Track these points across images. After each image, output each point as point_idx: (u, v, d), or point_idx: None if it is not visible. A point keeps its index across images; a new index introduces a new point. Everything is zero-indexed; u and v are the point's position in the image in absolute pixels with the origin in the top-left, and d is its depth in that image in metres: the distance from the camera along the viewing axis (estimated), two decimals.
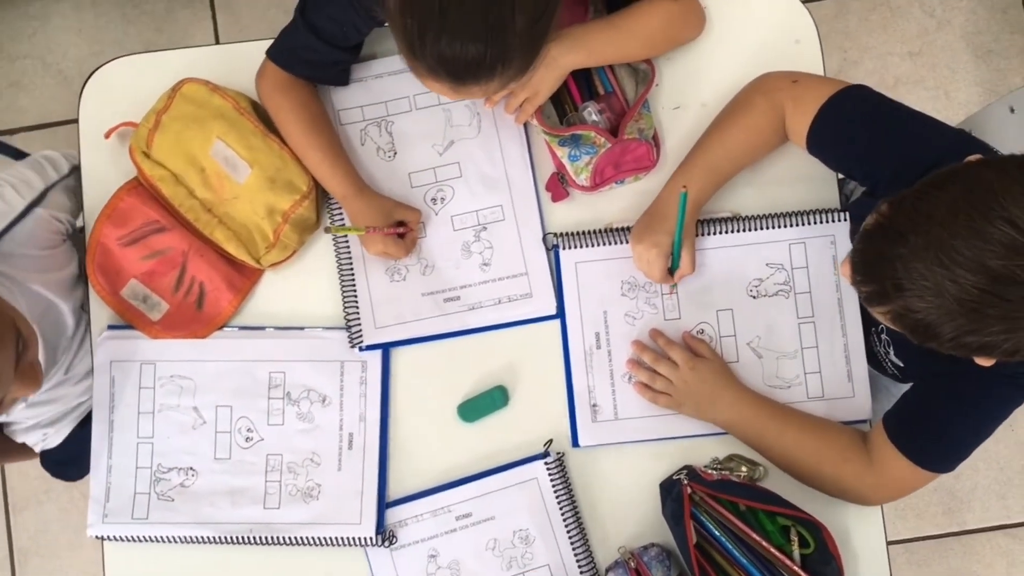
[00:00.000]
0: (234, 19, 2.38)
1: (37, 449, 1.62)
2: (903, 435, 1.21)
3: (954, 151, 1.02)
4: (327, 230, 1.36)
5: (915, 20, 2.37)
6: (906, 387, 1.30)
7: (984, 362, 1.01)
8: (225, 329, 1.40)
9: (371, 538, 1.33)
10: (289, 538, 1.34)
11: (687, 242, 1.29)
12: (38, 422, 1.54)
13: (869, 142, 1.20)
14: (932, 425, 1.20)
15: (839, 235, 1.35)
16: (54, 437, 1.58)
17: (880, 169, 1.19)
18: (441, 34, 1.05)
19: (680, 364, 1.32)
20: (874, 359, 1.35)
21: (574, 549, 1.32)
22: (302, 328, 1.39)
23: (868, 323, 1.34)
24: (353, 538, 1.33)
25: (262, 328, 1.39)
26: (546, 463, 1.34)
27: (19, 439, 1.56)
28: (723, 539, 1.28)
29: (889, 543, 2.12)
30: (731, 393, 1.31)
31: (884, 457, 1.24)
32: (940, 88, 2.35)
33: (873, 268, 0.97)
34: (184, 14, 2.38)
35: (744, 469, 1.34)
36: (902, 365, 1.30)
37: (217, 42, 2.36)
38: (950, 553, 2.27)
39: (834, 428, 1.30)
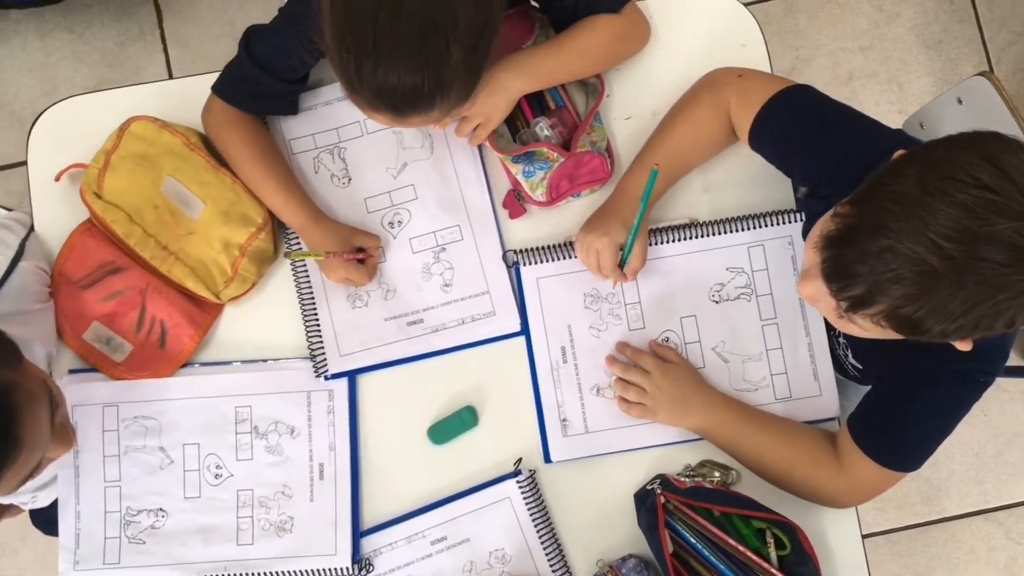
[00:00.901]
0: (186, 51, 2.36)
1: (26, 508, 1.59)
2: (867, 437, 1.22)
3: (892, 151, 1.02)
4: (286, 255, 1.35)
5: (864, 15, 2.40)
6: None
7: (962, 346, 1.01)
8: (189, 366, 1.38)
9: (347, 568, 1.32)
10: (265, 573, 1.33)
11: (639, 235, 1.28)
12: (27, 486, 1.52)
13: (809, 141, 1.22)
14: (893, 426, 1.21)
15: (796, 235, 1.36)
16: (44, 499, 1.56)
17: (819, 168, 1.20)
18: (377, 67, 1.05)
19: (651, 371, 1.32)
20: (836, 362, 1.36)
21: (551, 565, 1.32)
22: (266, 360, 1.37)
23: (827, 327, 1.35)
24: (329, 570, 1.32)
25: (226, 363, 1.38)
26: (518, 481, 1.34)
27: (7, 500, 1.54)
28: (699, 546, 1.27)
29: (870, 535, 2.14)
30: (703, 396, 1.32)
31: (853, 460, 1.24)
32: (893, 80, 2.38)
33: (854, 270, 0.95)
34: (135, 48, 2.37)
35: (717, 474, 1.34)
36: (861, 367, 1.31)
37: (170, 75, 2.35)
38: (931, 541, 2.28)
39: (805, 432, 1.30)
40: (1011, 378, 2.25)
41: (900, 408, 1.20)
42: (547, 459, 1.35)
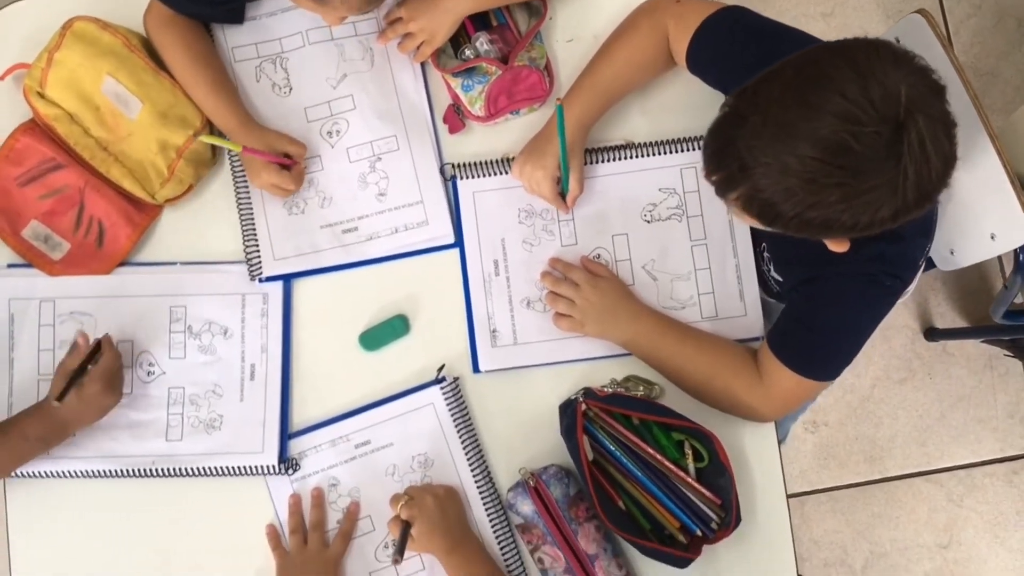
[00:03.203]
0: None
1: None
2: (782, 347, 1.24)
3: None
4: (195, 135, 1.35)
5: None
6: None
7: (835, 247, 1.04)
8: (125, 265, 1.39)
9: (273, 466, 1.33)
10: (192, 469, 1.34)
11: (574, 163, 1.30)
12: None
13: (744, 59, 1.23)
14: (809, 335, 1.23)
15: None
16: None
17: None
18: None
19: (581, 284, 1.34)
20: (761, 280, 1.38)
21: (473, 472, 1.34)
22: (203, 263, 1.39)
23: (754, 242, 1.37)
24: (256, 466, 1.34)
25: (162, 263, 1.39)
26: (441, 388, 1.35)
27: None
28: (618, 453, 1.30)
29: (812, 492, 2.17)
30: (630, 309, 1.34)
31: (770, 371, 1.26)
32: None
33: (720, 156, 1.01)
34: None
35: (641, 389, 1.36)
36: (781, 280, 1.33)
37: None
38: (872, 500, 2.31)
39: (728, 345, 1.33)
40: (954, 340, 2.29)
41: (810, 315, 1.22)
42: (476, 369, 1.37)
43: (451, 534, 1.26)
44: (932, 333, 2.32)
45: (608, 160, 1.39)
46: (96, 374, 1.27)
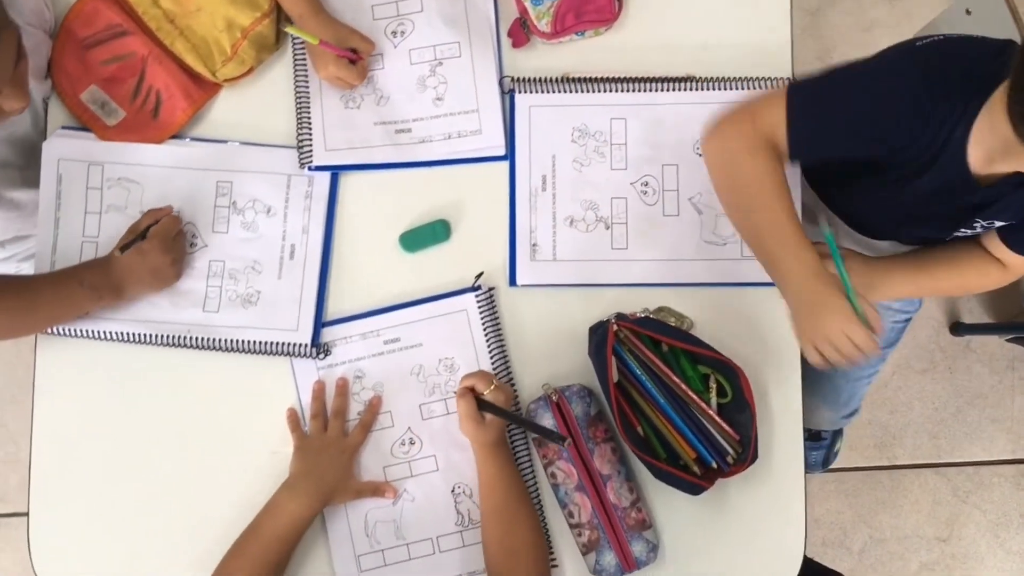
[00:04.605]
0: None
1: None
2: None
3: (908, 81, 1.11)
4: (283, 27, 1.37)
5: None
6: None
7: None
8: (177, 139, 1.40)
9: (306, 346, 1.35)
10: (226, 341, 1.35)
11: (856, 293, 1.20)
12: (14, 254, 1.55)
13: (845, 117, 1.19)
14: None
15: None
16: (28, 269, 1.59)
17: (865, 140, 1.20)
18: None
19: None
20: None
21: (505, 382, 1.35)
22: (253, 143, 1.40)
23: (942, 237, 1.38)
24: (289, 344, 1.35)
25: (214, 140, 1.40)
26: (476, 296, 1.36)
27: None
28: (643, 378, 1.30)
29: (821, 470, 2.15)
30: (878, 270, 1.39)
31: (1012, 260, 1.32)
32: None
33: None
34: None
35: (672, 320, 1.36)
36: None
37: None
38: (878, 486, 2.31)
39: (966, 256, 1.37)
40: (980, 335, 2.28)
41: None
42: (512, 282, 1.38)
43: (504, 431, 1.30)
44: (958, 328, 2.31)
45: (667, 90, 1.39)
46: (155, 232, 1.31)
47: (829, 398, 1.70)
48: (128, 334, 1.36)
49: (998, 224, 1.28)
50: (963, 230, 1.31)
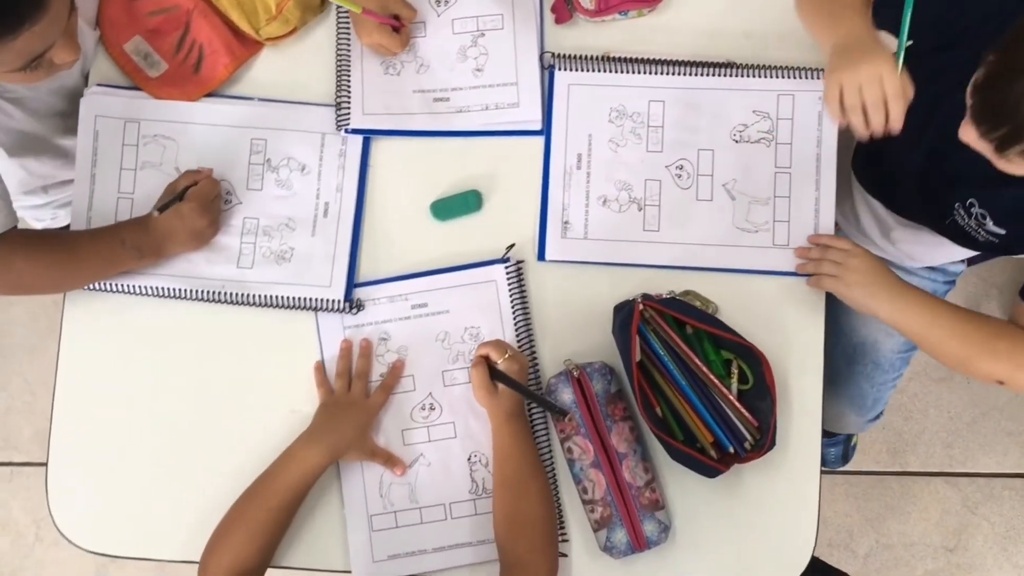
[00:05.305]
0: None
1: (40, 226, 1.64)
2: None
3: None
4: None
5: None
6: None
7: None
8: (215, 96, 1.41)
9: (339, 301, 1.36)
10: (260, 296, 1.36)
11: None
12: (52, 200, 1.57)
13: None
14: None
15: None
16: (63, 217, 1.61)
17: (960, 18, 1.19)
18: None
19: (849, 249, 1.32)
20: (962, 235, 1.35)
21: (521, 353, 1.35)
22: (287, 101, 1.41)
23: (950, 203, 1.32)
24: (322, 300, 1.36)
25: (250, 98, 1.41)
26: (506, 267, 1.37)
27: (30, 219, 1.59)
28: (666, 359, 1.31)
29: (830, 472, 2.16)
30: (895, 284, 1.31)
31: None
32: None
33: (999, 113, 0.99)
34: None
35: (698, 303, 1.37)
36: (1003, 232, 1.29)
37: None
38: (888, 491, 2.30)
39: (991, 325, 1.29)
40: None
41: None
42: (541, 256, 1.38)
43: (521, 402, 1.30)
44: None
45: (707, 75, 1.39)
46: (193, 193, 1.32)
47: (855, 402, 1.69)
48: (163, 289, 1.37)
49: (990, 225, 1.27)
50: (959, 213, 1.30)
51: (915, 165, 1.33)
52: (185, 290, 1.36)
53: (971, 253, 1.47)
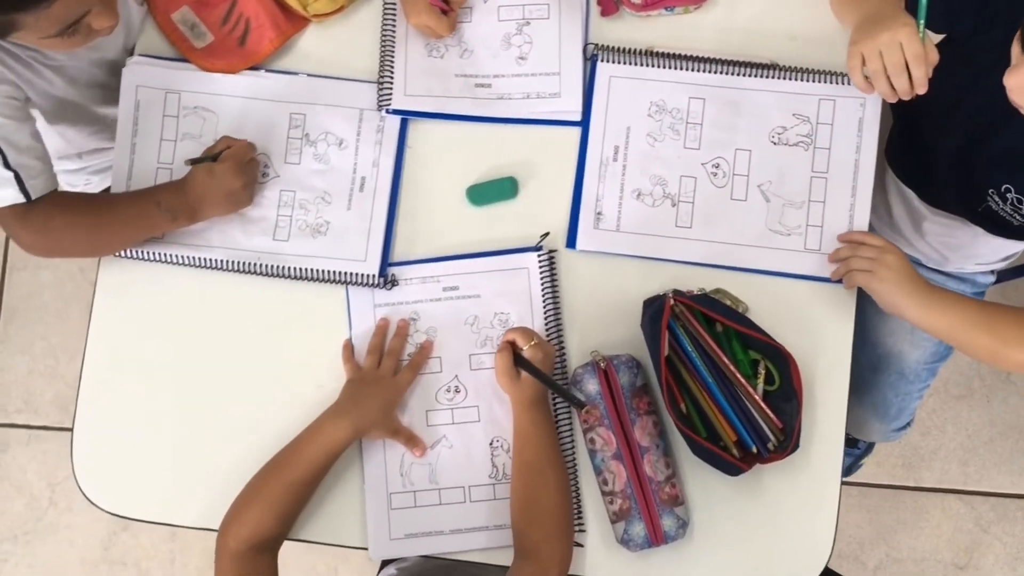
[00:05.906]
0: None
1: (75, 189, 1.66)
2: None
3: None
4: None
5: None
6: None
7: None
8: (257, 70, 1.42)
9: (373, 276, 1.37)
10: (295, 269, 1.37)
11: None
12: (87, 167, 1.58)
13: None
14: None
15: (870, 101, 1.37)
16: (97, 183, 1.62)
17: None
18: None
19: (883, 246, 1.31)
20: (993, 221, 1.35)
21: (548, 341, 1.36)
22: (327, 76, 1.42)
23: (984, 189, 1.32)
24: (357, 274, 1.37)
25: (296, 73, 1.42)
26: (539, 256, 1.37)
27: (64, 183, 1.60)
28: (693, 355, 1.31)
29: (844, 483, 2.16)
30: (923, 285, 1.29)
31: None
32: None
33: None
34: None
35: (728, 302, 1.37)
36: None
37: None
38: (901, 506, 2.30)
39: (1020, 315, 1.27)
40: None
41: None
42: (571, 244, 1.39)
43: (543, 390, 1.31)
44: None
45: (749, 75, 1.39)
46: (229, 154, 1.33)
47: (879, 410, 1.69)
48: (199, 259, 1.38)
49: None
50: (993, 199, 1.29)
51: (949, 151, 1.33)
52: (221, 260, 1.37)
53: (1002, 252, 1.48)
